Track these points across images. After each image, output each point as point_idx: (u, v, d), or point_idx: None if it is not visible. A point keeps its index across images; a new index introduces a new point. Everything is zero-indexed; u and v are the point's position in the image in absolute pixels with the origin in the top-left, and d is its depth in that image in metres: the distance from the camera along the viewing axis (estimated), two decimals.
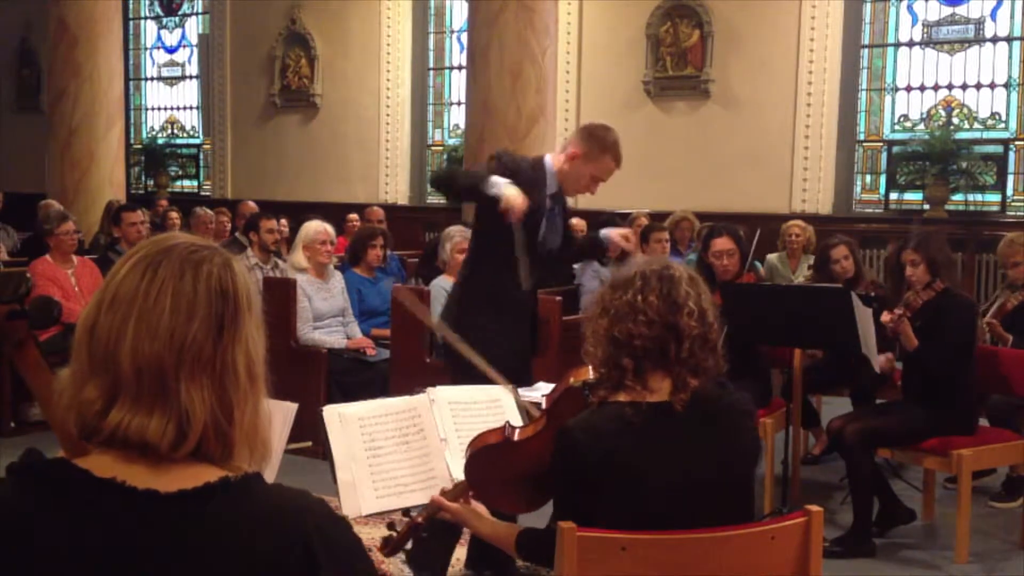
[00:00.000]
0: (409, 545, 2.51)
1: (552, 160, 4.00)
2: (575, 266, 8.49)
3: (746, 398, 2.41)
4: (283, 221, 8.71)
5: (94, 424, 1.29)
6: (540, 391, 3.01)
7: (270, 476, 1.53)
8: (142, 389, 1.28)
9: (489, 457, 2.44)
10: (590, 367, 2.35)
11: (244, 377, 1.34)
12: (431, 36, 12.56)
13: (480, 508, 2.53)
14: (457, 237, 5.98)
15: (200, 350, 1.30)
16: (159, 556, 1.25)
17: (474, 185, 3.78)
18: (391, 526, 2.50)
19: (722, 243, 5.31)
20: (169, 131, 14.89)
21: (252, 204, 9.46)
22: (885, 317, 4.74)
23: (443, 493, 2.53)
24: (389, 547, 2.49)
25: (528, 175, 3.85)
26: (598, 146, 3.91)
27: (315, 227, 6.40)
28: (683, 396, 2.22)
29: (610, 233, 4.03)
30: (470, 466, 2.47)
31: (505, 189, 3.67)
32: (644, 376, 2.24)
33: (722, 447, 2.27)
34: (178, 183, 14.62)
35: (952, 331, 4.64)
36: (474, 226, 4.15)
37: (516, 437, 2.44)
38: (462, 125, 9.62)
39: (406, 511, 2.51)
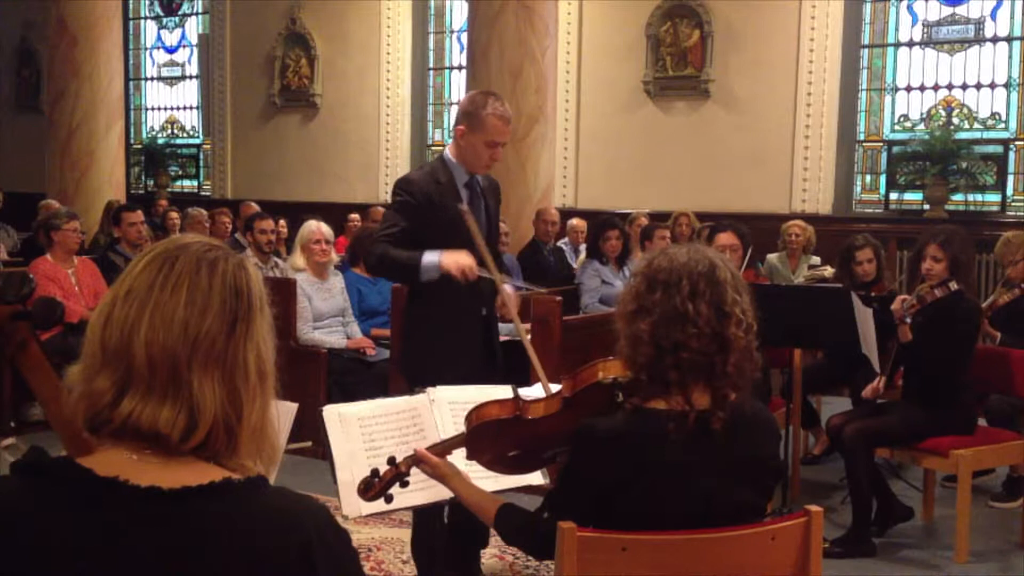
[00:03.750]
0: (394, 488, 2.47)
1: (450, 151, 3.90)
2: (574, 265, 8.51)
3: (773, 419, 2.38)
4: (281, 222, 8.71)
5: (105, 415, 1.30)
6: (539, 391, 3.01)
7: (271, 476, 1.54)
8: (155, 379, 1.30)
9: (495, 428, 2.43)
10: (619, 363, 2.25)
11: (254, 375, 1.36)
12: (431, 36, 12.57)
13: (462, 468, 2.49)
14: None
15: (212, 343, 1.32)
16: (160, 554, 1.26)
17: (413, 272, 3.68)
18: (375, 472, 2.48)
19: (726, 238, 5.33)
20: (169, 131, 14.89)
21: (254, 205, 9.45)
22: (896, 304, 4.73)
23: (432, 447, 2.49)
24: (371, 492, 2.47)
25: (435, 190, 3.77)
26: (475, 111, 3.78)
27: (310, 228, 6.41)
28: (721, 415, 2.13)
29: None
30: (472, 433, 2.45)
31: (443, 261, 3.60)
32: (687, 389, 2.13)
33: (752, 464, 2.22)
34: (178, 183, 14.62)
35: (954, 333, 4.65)
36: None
37: (527, 415, 2.42)
38: None
39: (391, 459, 2.49)
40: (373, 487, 2.47)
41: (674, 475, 2.13)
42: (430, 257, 3.66)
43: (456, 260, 3.61)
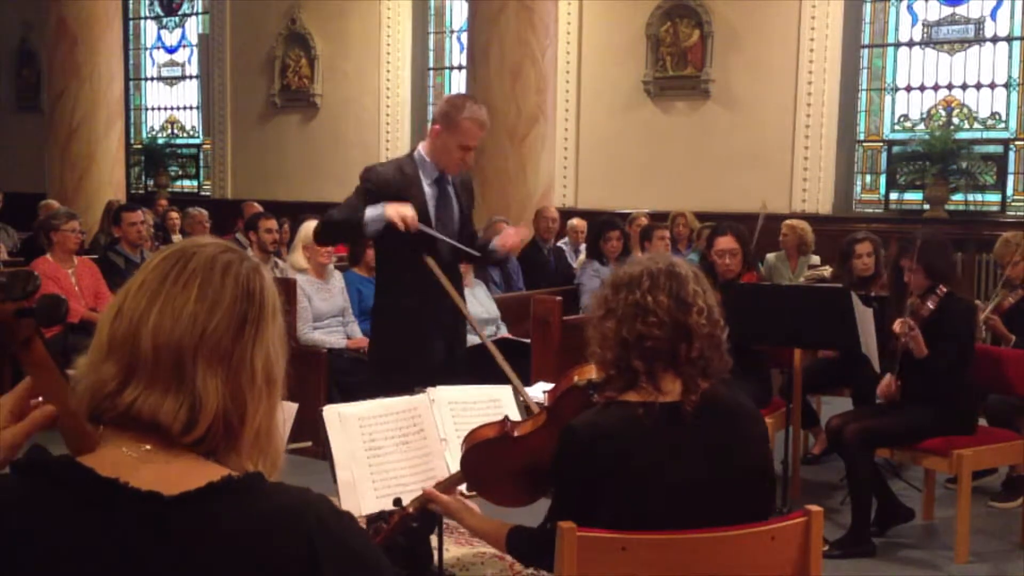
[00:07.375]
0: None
1: (422, 148, 3.99)
2: (574, 265, 8.52)
3: (750, 408, 2.39)
4: (285, 227, 8.71)
5: (108, 402, 1.31)
6: (538, 391, 3.01)
7: (271, 476, 1.54)
8: (159, 369, 1.30)
9: (487, 451, 2.45)
10: (594, 366, 2.33)
11: (261, 379, 1.36)
12: (431, 36, 12.57)
13: (471, 503, 2.53)
14: None
15: (219, 341, 1.33)
16: (159, 557, 1.26)
17: (357, 226, 3.83)
18: (382, 516, 2.51)
19: (725, 242, 5.30)
20: (169, 131, 14.89)
21: (256, 205, 9.45)
22: (897, 327, 4.68)
23: (436, 485, 2.53)
24: (381, 536, 2.50)
25: (397, 180, 3.88)
26: (453, 113, 3.87)
27: (314, 227, 6.39)
28: (693, 398, 2.20)
29: (501, 242, 4.06)
30: (467, 459, 2.47)
31: (387, 211, 3.73)
32: (656, 377, 2.21)
33: (731, 451, 2.24)
34: (178, 183, 14.62)
35: (954, 334, 4.64)
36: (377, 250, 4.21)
37: (515, 432, 2.44)
38: None
39: (397, 500, 2.51)
40: (381, 532, 2.50)
41: (651, 462, 2.17)
42: (374, 210, 3.77)
43: (399, 210, 3.73)
